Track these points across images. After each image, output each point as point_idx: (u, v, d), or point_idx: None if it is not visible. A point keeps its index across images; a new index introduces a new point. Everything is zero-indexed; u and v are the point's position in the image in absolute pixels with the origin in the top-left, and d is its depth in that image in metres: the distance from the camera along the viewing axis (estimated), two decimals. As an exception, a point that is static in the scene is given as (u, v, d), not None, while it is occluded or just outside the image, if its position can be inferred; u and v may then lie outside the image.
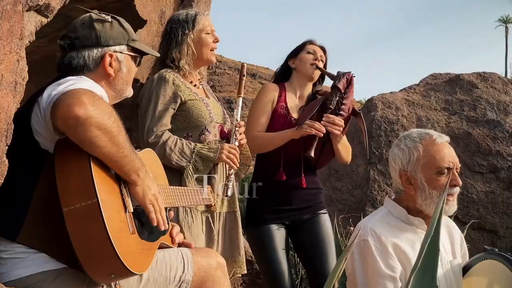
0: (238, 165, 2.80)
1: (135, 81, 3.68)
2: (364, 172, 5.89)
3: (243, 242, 2.92)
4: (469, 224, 5.19)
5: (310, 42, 3.31)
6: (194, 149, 2.69)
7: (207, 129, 2.79)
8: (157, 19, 4.16)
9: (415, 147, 2.12)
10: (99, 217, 1.58)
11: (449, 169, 2.08)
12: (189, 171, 2.66)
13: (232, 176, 2.78)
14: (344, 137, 3.16)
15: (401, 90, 6.69)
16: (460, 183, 2.10)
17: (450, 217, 2.29)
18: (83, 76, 1.83)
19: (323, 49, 3.31)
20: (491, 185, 6.02)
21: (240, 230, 2.91)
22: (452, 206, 2.11)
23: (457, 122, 6.25)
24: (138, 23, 3.67)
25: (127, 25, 2.02)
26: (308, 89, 3.29)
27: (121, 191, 1.73)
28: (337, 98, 3.05)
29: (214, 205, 2.51)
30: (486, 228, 5.94)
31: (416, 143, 2.12)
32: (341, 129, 3.05)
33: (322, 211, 3.15)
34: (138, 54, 2.04)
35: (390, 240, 2.05)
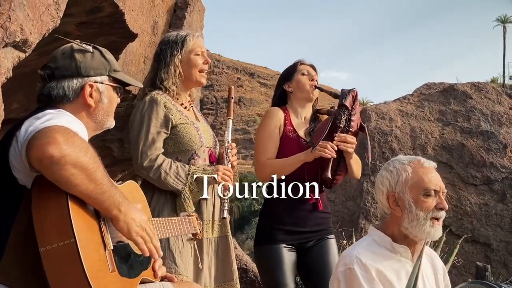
0: (233, 185, 2.80)
1: (127, 92, 3.64)
2: (357, 184, 5.85)
3: (236, 266, 2.89)
4: (462, 238, 5.17)
5: (301, 62, 3.27)
6: (189, 171, 2.68)
7: (196, 154, 2.77)
8: (149, 30, 4.12)
9: (404, 168, 2.15)
10: (76, 258, 1.55)
11: (436, 192, 2.11)
12: (186, 194, 2.65)
13: (227, 197, 2.76)
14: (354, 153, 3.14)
15: (394, 100, 6.67)
16: (447, 207, 2.14)
17: (444, 228, 2.30)
18: (61, 110, 1.80)
19: (313, 67, 3.28)
20: (484, 197, 6.00)
21: (233, 253, 2.89)
22: (438, 230, 2.12)
23: (451, 133, 6.23)
24: (128, 37, 3.64)
25: (109, 55, 1.99)
26: (309, 109, 3.26)
27: (100, 228, 1.70)
28: (345, 116, 3.02)
29: (200, 232, 2.49)
30: (480, 241, 5.92)
31: (405, 165, 2.16)
32: (354, 146, 3.04)
33: (330, 236, 3.14)
34: (120, 85, 2.01)
35: (375, 268, 2.05)
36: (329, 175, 2.97)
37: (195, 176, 2.68)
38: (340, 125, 3.01)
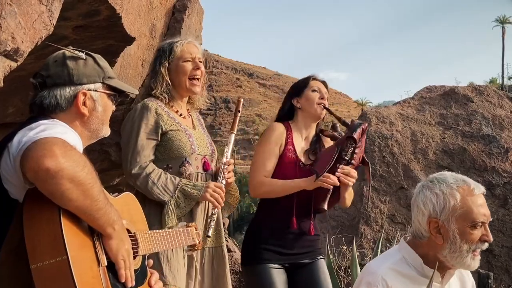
0: (222, 204, 2.74)
1: (125, 96, 3.60)
2: (357, 189, 5.78)
3: (229, 277, 2.85)
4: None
5: (314, 78, 3.17)
6: (178, 185, 2.64)
7: (187, 161, 2.74)
8: (147, 33, 4.07)
9: (452, 194, 1.95)
10: (68, 275, 1.49)
11: (483, 223, 1.97)
12: (170, 207, 2.61)
13: (214, 216, 2.71)
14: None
15: (395, 104, 6.60)
16: (491, 239, 2.01)
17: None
18: (56, 120, 1.74)
19: (324, 83, 3.19)
20: (486, 202, 5.93)
21: (227, 266, 2.85)
22: (477, 261, 1.98)
23: (452, 137, 6.15)
24: (126, 40, 3.60)
25: (102, 62, 1.92)
26: (312, 129, 3.19)
27: (94, 244, 1.65)
28: (352, 148, 2.96)
29: (200, 243, 2.44)
30: (481, 247, 5.86)
31: (453, 190, 1.96)
32: (355, 181, 3.01)
33: (320, 257, 3.10)
34: (114, 93, 1.94)
35: None
36: (325, 207, 2.93)
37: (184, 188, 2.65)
38: (346, 158, 2.95)
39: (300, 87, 3.17)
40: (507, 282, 5.65)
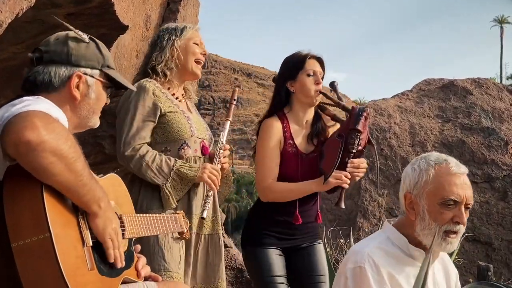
0: (218, 187, 2.70)
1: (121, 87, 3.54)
2: (355, 182, 5.71)
3: (224, 265, 2.80)
4: (463, 236, 5.05)
5: (310, 56, 2.92)
6: (173, 166, 2.58)
7: (186, 144, 2.68)
8: (142, 23, 4.02)
9: (427, 170, 1.92)
10: (52, 254, 1.43)
11: (456, 202, 1.88)
12: (167, 190, 2.56)
13: (210, 198, 2.67)
14: None
15: (393, 97, 6.56)
16: (465, 222, 1.90)
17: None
18: (40, 97, 1.67)
19: (320, 61, 2.97)
20: (485, 195, 5.90)
21: (223, 253, 2.80)
22: (451, 244, 1.89)
23: (451, 129, 6.12)
24: (119, 29, 3.54)
25: (105, 51, 1.85)
26: (311, 110, 2.99)
27: (78, 222, 1.58)
28: (358, 140, 2.80)
29: (187, 231, 2.38)
30: (481, 240, 5.82)
31: (429, 167, 1.92)
32: (365, 171, 2.94)
33: (318, 242, 3.04)
34: (111, 84, 1.86)
35: (387, 270, 1.89)
36: (343, 205, 2.85)
37: (180, 170, 2.60)
38: (353, 151, 2.80)
39: (294, 68, 2.93)
40: (507, 276, 5.62)
